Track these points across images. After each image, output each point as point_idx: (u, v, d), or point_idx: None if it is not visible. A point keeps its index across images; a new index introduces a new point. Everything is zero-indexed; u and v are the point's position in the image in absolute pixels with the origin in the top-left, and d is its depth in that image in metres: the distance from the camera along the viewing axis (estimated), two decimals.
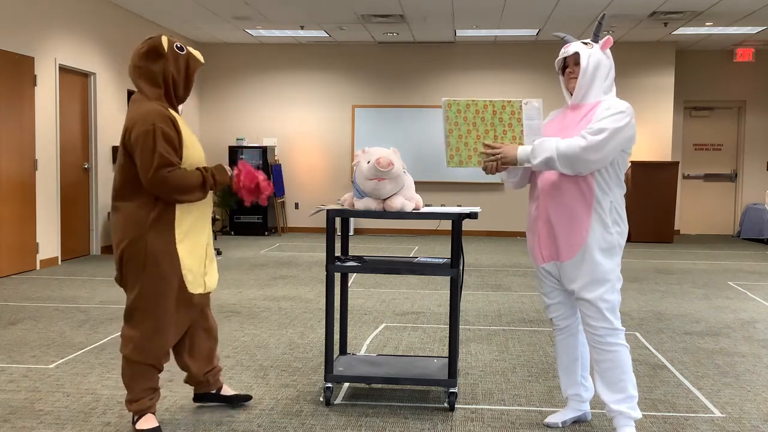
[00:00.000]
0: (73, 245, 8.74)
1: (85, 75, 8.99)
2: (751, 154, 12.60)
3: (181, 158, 3.05)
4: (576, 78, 3.12)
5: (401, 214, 3.48)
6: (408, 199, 3.51)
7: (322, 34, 11.33)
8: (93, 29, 9.03)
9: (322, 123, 12.41)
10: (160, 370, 3.19)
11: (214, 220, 12.01)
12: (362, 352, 4.61)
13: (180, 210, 3.08)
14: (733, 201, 12.81)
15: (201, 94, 12.59)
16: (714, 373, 4.28)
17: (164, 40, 3.05)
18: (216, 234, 11.34)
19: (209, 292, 3.30)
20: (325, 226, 12.34)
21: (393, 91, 12.28)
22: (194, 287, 3.16)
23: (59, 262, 8.31)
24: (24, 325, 5.28)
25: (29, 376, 4.03)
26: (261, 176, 3.36)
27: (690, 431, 3.34)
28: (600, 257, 3.06)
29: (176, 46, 3.09)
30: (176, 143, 3.03)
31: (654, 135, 12.03)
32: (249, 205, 3.39)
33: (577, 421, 3.44)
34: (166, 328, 3.11)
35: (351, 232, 12.45)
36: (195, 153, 3.12)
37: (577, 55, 3.11)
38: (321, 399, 3.69)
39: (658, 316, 5.85)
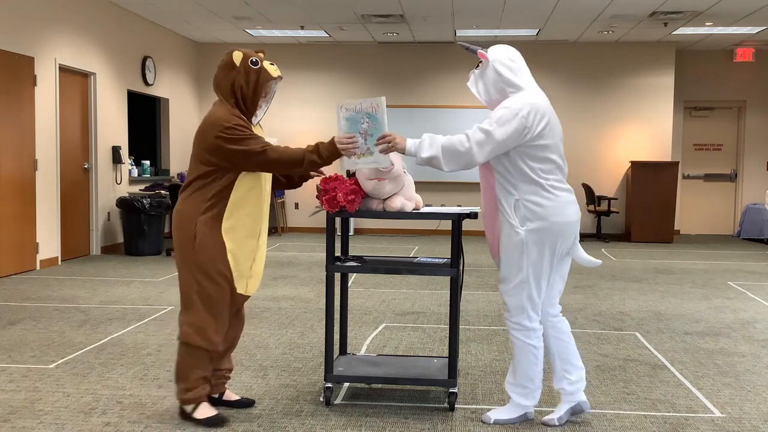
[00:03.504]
0: (73, 245, 8.74)
1: (85, 75, 8.99)
2: (751, 154, 12.60)
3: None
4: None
5: (401, 214, 3.48)
6: (408, 199, 3.51)
7: (322, 34, 11.33)
8: (93, 29, 9.03)
9: (322, 123, 12.41)
10: (212, 360, 3.30)
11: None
12: (362, 352, 4.61)
13: (230, 206, 3.24)
14: (733, 201, 12.81)
15: (201, 94, 12.59)
16: (714, 373, 4.28)
17: (236, 55, 3.25)
18: None
19: (248, 297, 3.40)
20: (325, 226, 12.34)
21: (393, 91, 12.28)
22: (237, 284, 3.28)
23: (59, 262, 8.31)
24: (24, 325, 5.28)
25: (29, 376, 4.03)
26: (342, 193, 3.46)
27: (690, 431, 3.35)
28: (506, 257, 3.26)
29: (251, 60, 3.26)
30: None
31: (654, 135, 12.03)
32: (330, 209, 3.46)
33: (575, 413, 3.40)
34: (221, 312, 3.25)
35: (351, 232, 12.45)
36: None
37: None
38: (321, 399, 3.69)
39: (658, 316, 5.85)
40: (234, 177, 3.25)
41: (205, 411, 3.30)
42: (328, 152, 3.20)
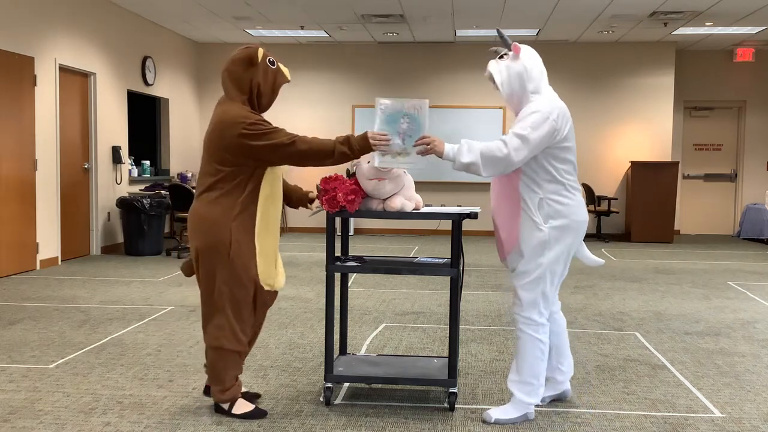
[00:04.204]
0: (73, 245, 8.74)
1: (85, 75, 8.99)
2: (751, 154, 12.60)
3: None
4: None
5: (401, 214, 3.48)
6: (408, 199, 3.51)
7: (322, 34, 11.33)
8: (93, 29, 9.03)
9: (322, 123, 12.41)
10: (242, 358, 3.43)
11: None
12: (362, 352, 4.61)
13: (260, 208, 3.28)
14: (733, 201, 12.81)
15: (201, 94, 12.59)
16: (714, 373, 4.28)
17: (260, 52, 3.26)
18: None
19: (275, 293, 3.48)
20: (325, 226, 12.34)
21: (393, 91, 12.27)
22: (265, 283, 3.37)
23: (59, 262, 8.31)
24: (24, 325, 5.28)
25: (29, 376, 4.03)
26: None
27: (690, 431, 3.35)
28: (527, 252, 3.31)
29: (269, 60, 3.30)
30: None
31: (654, 135, 12.03)
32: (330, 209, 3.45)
33: (559, 399, 3.65)
34: (249, 316, 3.35)
35: (351, 232, 12.45)
36: None
37: (491, 75, 3.37)
38: (321, 399, 3.69)
39: (658, 316, 5.85)
40: (260, 178, 3.27)
41: (242, 407, 3.42)
42: (359, 146, 3.22)
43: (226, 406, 3.42)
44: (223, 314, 3.30)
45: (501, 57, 3.39)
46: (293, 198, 3.68)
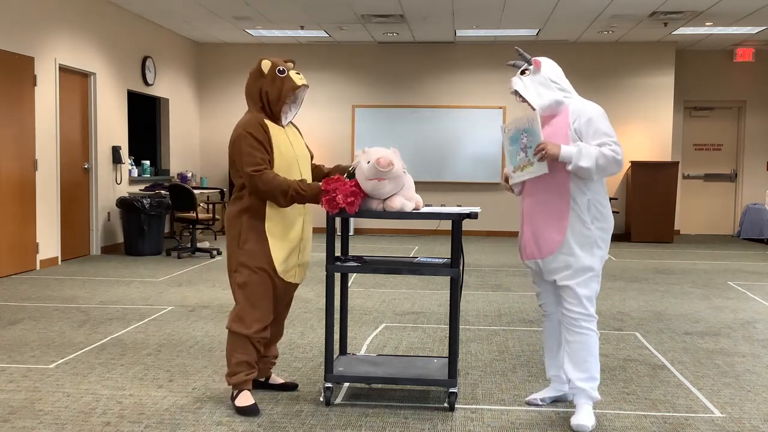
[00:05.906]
0: (73, 245, 8.74)
1: (85, 75, 8.98)
2: (751, 154, 12.60)
3: (271, 162, 3.44)
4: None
5: (401, 214, 3.48)
6: (408, 199, 3.51)
7: (322, 34, 11.33)
8: (93, 29, 9.03)
9: (322, 123, 12.41)
10: (258, 349, 3.52)
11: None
12: (362, 352, 4.61)
13: (268, 203, 3.46)
14: (733, 201, 12.81)
15: (201, 94, 12.59)
16: (714, 373, 4.28)
17: (264, 64, 3.51)
18: (216, 234, 11.35)
19: (296, 284, 3.65)
20: (325, 226, 12.33)
21: (393, 91, 12.28)
22: (285, 275, 3.51)
23: (59, 262, 8.31)
24: (24, 325, 5.28)
25: (29, 376, 4.04)
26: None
27: (690, 431, 3.35)
28: (579, 251, 3.34)
29: (278, 69, 3.51)
30: (265, 147, 3.42)
31: (654, 135, 12.03)
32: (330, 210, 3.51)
33: (558, 400, 3.66)
34: (260, 302, 3.47)
35: (351, 232, 12.45)
36: (281, 160, 3.47)
37: (517, 92, 3.47)
38: (321, 399, 3.70)
39: (658, 316, 5.85)
40: None
41: (243, 399, 3.49)
42: (311, 194, 3.40)
43: (234, 393, 3.53)
44: (238, 300, 3.49)
45: (523, 72, 3.47)
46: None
